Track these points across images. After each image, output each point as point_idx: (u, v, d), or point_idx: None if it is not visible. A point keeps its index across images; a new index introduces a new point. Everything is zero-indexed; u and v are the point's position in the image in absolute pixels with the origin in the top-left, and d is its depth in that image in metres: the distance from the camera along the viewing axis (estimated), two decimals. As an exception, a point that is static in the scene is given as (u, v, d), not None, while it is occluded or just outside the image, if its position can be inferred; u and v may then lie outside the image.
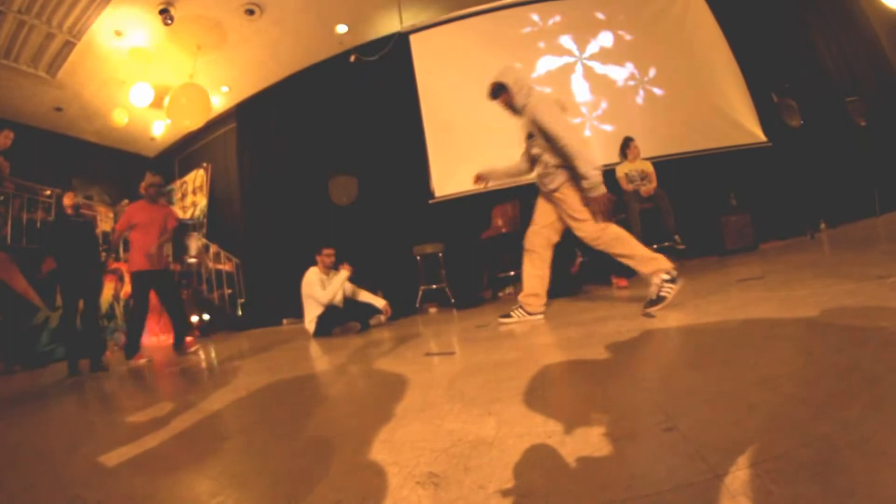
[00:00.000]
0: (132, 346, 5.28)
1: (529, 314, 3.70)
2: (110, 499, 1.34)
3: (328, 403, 2.11)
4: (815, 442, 0.93)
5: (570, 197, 3.45)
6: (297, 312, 5.64)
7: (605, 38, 8.49)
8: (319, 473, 1.25)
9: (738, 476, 0.87)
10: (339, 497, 1.09)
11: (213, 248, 9.75)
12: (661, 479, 0.93)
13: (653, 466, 0.99)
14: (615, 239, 3.36)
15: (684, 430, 1.11)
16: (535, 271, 3.71)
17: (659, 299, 3.05)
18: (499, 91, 3.58)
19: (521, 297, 3.76)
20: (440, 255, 7.10)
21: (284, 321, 7.96)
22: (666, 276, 3.13)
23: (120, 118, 9.42)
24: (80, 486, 1.46)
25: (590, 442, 1.14)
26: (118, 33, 7.67)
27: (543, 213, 3.69)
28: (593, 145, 7.71)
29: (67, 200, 5.31)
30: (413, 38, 8.76)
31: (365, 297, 5.71)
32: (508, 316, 3.73)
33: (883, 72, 8.90)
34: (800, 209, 7.27)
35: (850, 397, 1.11)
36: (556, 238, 3.71)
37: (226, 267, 9.75)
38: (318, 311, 5.35)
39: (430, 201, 8.15)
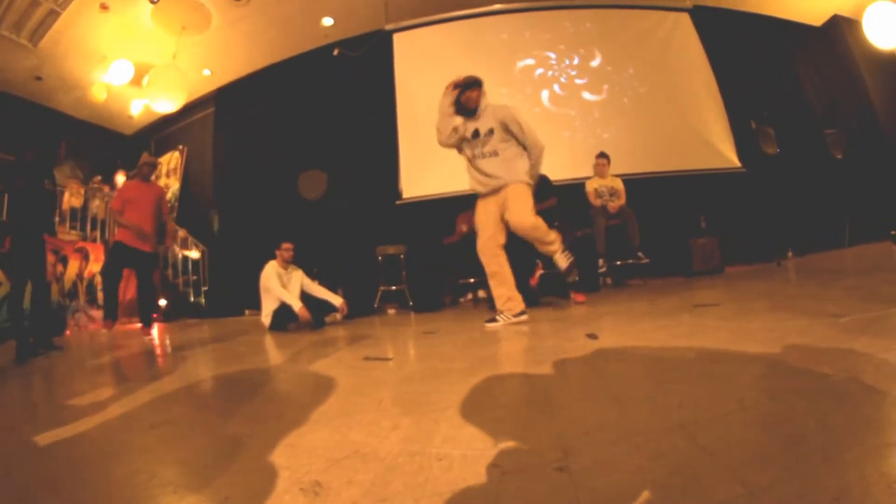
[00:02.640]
0: (110, 314, 5.31)
1: (518, 315, 3.81)
2: (33, 477, 1.39)
3: (255, 401, 2.12)
4: (713, 509, 0.86)
5: (524, 189, 3.84)
6: (259, 304, 5.64)
7: (589, 54, 8.58)
8: (221, 469, 1.30)
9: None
10: (229, 494, 1.14)
11: (181, 233, 9.57)
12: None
13: (525, 510, 0.94)
14: (547, 228, 3.85)
15: (576, 471, 1.07)
16: (502, 274, 3.88)
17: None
18: (476, 85, 3.86)
19: (500, 306, 3.87)
20: (402, 256, 7.12)
21: (246, 312, 7.87)
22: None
23: (99, 93, 9.32)
24: (11, 465, 1.53)
25: (475, 471, 1.13)
26: (104, 7, 7.59)
27: (488, 216, 3.91)
28: (567, 158, 7.81)
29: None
30: (396, 37, 8.79)
31: (322, 293, 5.68)
32: (495, 321, 3.80)
33: (864, 107, 9.08)
34: (769, 236, 7.39)
35: (767, 458, 1.02)
36: (503, 240, 3.93)
37: (192, 253, 9.62)
38: (275, 305, 5.32)
39: (397, 202, 8.16)
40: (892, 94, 9.32)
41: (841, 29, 9.32)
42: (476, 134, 3.83)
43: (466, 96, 3.84)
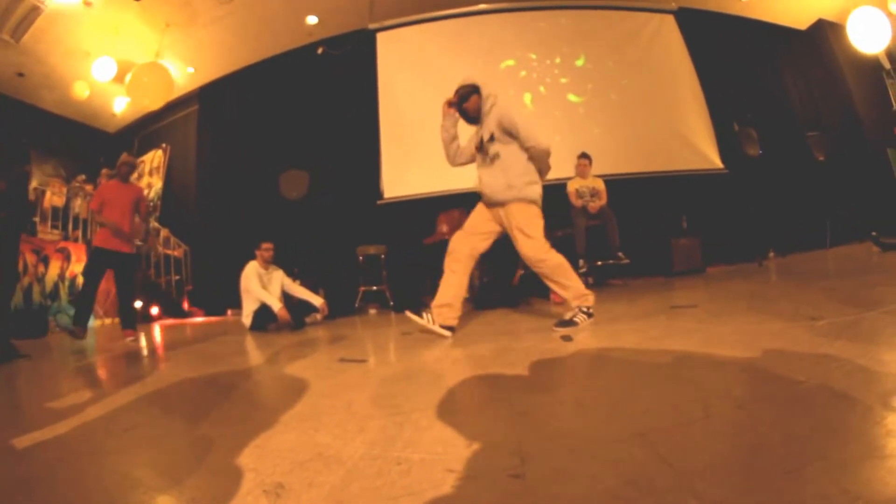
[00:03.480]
0: (81, 321, 5.13)
1: (442, 327, 3.43)
2: (9, 478, 1.42)
3: (228, 403, 2.15)
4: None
5: (528, 212, 3.44)
6: (241, 304, 5.64)
7: (573, 55, 8.61)
8: (191, 470, 1.33)
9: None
10: (195, 495, 1.18)
11: (163, 233, 9.48)
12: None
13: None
14: (558, 266, 3.38)
15: (531, 478, 1.06)
16: (454, 278, 3.51)
17: (571, 323, 3.20)
18: (470, 94, 3.53)
19: (433, 305, 3.49)
20: (382, 256, 7.16)
21: (229, 311, 7.84)
22: (585, 308, 3.27)
23: (81, 91, 9.25)
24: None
25: (431, 476, 1.14)
26: (87, 3, 7.54)
27: (479, 220, 3.58)
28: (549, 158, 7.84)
29: None
30: (380, 37, 8.78)
31: (303, 294, 5.69)
32: (419, 315, 3.48)
33: (846, 110, 9.20)
34: (751, 236, 7.45)
35: (725, 470, 1.00)
36: (482, 249, 3.59)
37: (175, 253, 9.54)
38: (255, 305, 5.32)
39: (379, 202, 8.16)
40: (875, 97, 9.48)
41: (825, 33, 9.46)
42: (481, 145, 3.50)
43: (465, 109, 3.55)
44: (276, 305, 5.18)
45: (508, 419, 1.52)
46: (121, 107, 9.96)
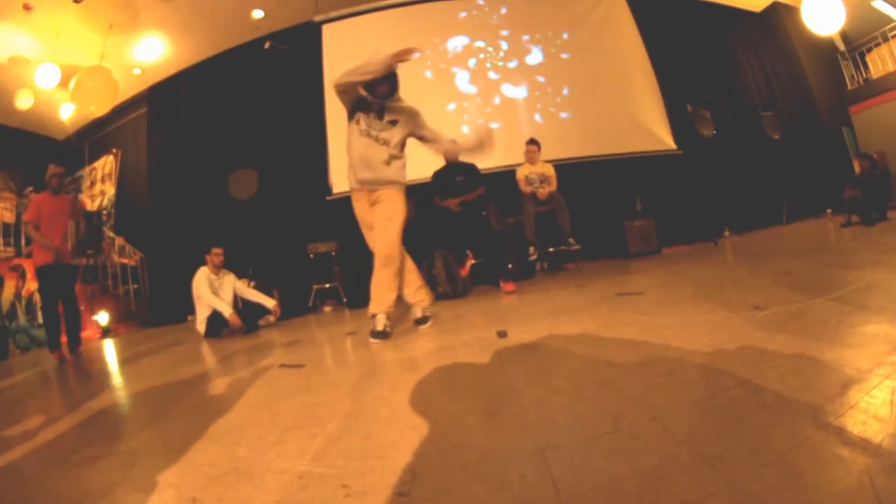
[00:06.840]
0: (53, 343, 5.10)
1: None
2: None
3: (165, 419, 2.22)
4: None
5: (401, 198, 3.56)
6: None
7: (520, 40, 8.61)
8: (113, 486, 1.42)
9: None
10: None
11: (118, 241, 9.22)
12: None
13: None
14: (404, 261, 3.65)
15: (415, 498, 1.07)
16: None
17: (426, 319, 3.60)
18: (391, 80, 3.52)
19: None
20: (333, 253, 7.15)
21: (189, 318, 7.60)
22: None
23: (24, 101, 8.99)
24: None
25: (324, 492, 1.17)
26: (27, 7, 7.34)
27: (367, 213, 3.62)
28: (498, 146, 7.88)
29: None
30: (326, 28, 8.69)
31: (255, 296, 5.68)
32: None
33: (801, 91, 9.53)
34: (707, 216, 7.58)
35: (615, 499, 0.94)
36: None
37: (130, 261, 9.27)
38: (208, 312, 5.26)
39: (328, 198, 8.05)
40: (829, 78, 9.88)
41: (780, 15, 9.76)
42: (381, 110, 3.54)
43: (385, 88, 3.52)
44: (227, 311, 5.15)
45: (415, 430, 1.51)
46: (68, 113, 9.72)
